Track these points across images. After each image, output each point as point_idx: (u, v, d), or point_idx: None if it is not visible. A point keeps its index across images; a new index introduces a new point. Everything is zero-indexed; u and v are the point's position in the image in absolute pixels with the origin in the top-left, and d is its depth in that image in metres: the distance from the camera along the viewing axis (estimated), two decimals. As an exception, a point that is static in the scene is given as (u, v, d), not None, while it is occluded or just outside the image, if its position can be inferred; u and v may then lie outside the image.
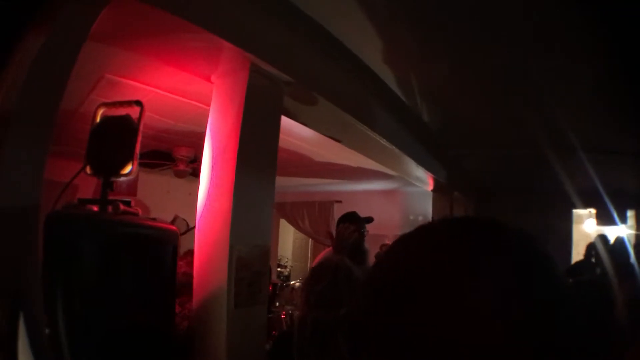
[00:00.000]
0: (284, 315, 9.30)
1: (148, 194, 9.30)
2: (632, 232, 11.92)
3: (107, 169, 3.19)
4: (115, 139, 3.22)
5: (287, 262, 17.00)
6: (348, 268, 3.34)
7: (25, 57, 2.34)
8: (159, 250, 3.29)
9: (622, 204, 11.23)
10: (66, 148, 5.34)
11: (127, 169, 3.17)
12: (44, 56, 2.40)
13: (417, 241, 0.98)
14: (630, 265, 4.73)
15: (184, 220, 9.92)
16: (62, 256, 2.69)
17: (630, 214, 12.07)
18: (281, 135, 4.34)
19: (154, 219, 3.53)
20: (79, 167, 3.25)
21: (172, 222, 10.05)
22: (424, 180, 10.22)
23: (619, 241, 5.77)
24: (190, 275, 3.84)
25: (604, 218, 11.70)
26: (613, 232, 10.58)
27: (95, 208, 3.13)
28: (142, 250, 3.15)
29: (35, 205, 2.32)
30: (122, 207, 3.12)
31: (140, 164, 3.30)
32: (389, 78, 5.69)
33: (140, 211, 3.31)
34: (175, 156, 8.17)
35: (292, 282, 11.97)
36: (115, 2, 2.74)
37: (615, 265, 4.85)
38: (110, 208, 3.12)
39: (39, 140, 2.41)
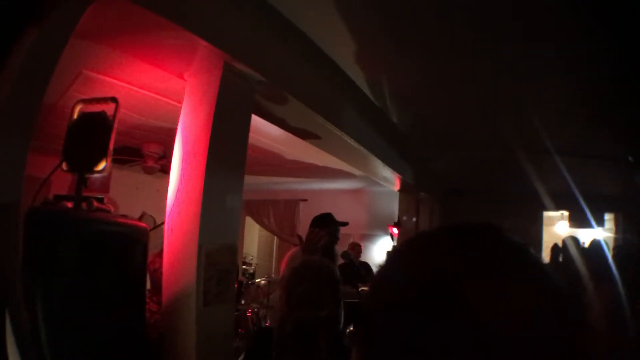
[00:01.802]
0: (249, 313, 9.30)
1: (117, 190, 9.24)
2: (611, 235, 12.01)
3: (81, 165, 3.19)
4: (90, 136, 3.21)
5: (252, 259, 16.96)
6: (331, 269, 3.35)
7: (16, 56, 2.36)
8: (130, 247, 3.29)
9: (599, 207, 11.32)
10: (42, 143, 5.32)
11: (101, 165, 3.16)
12: (32, 54, 2.42)
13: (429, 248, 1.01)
14: (608, 268, 4.76)
15: (151, 216, 9.89)
16: (41, 252, 2.69)
17: (608, 217, 12.17)
18: (249, 134, 4.36)
19: (125, 216, 3.54)
20: (54, 162, 3.25)
21: (140, 219, 10.01)
22: (390, 181, 10.27)
23: (596, 244, 5.79)
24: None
25: (577, 220, 11.79)
26: (587, 235, 10.68)
27: (69, 204, 3.13)
28: (114, 247, 3.15)
29: (16, 202, 2.33)
30: (95, 204, 3.13)
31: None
32: (359, 79, 5.74)
33: (112, 208, 3.31)
34: (144, 152, 8.11)
35: (258, 280, 11.93)
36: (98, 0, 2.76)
37: (591, 269, 4.87)
38: (84, 204, 3.11)
39: (21, 137, 2.42)
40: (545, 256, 10.49)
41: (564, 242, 7.87)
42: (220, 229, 3.88)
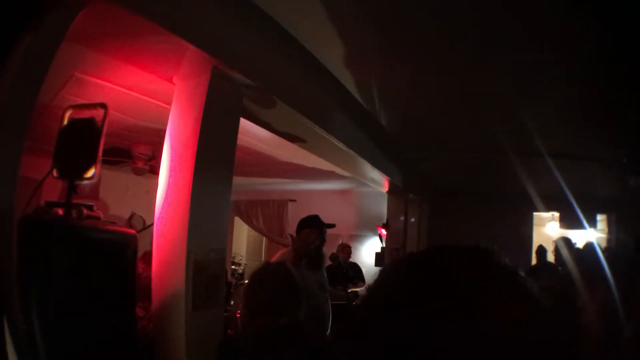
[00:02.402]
0: (239, 314, 9.24)
1: (107, 190, 9.22)
2: (603, 235, 12.03)
3: (71, 172, 3.19)
4: (80, 143, 3.22)
5: (241, 259, 16.93)
6: (289, 274, 3.32)
7: (11, 61, 2.38)
8: (119, 254, 3.30)
9: (591, 208, 11.29)
10: (33, 144, 5.32)
11: (90, 172, 3.17)
12: (26, 58, 2.46)
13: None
14: (602, 271, 4.74)
15: (141, 217, 9.86)
16: (34, 261, 2.74)
17: (600, 217, 12.16)
18: (238, 135, 4.37)
19: (114, 223, 3.55)
20: (46, 162, 3.27)
21: (129, 219, 9.99)
22: (379, 182, 10.27)
23: (589, 247, 5.76)
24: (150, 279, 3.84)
25: (568, 221, 11.78)
26: (579, 236, 10.66)
27: (60, 211, 3.13)
28: (104, 254, 3.18)
29: (9, 209, 2.34)
30: (85, 211, 3.13)
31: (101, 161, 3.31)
32: (349, 82, 5.74)
33: (101, 215, 3.32)
34: (134, 153, 8.09)
35: (247, 281, 11.87)
36: (90, 5, 2.77)
37: (585, 272, 4.85)
38: (74, 211, 3.12)
39: (15, 144, 2.44)
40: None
41: (555, 243, 7.86)
42: (208, 235, 3.88)
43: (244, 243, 18.39)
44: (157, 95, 5.25)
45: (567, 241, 7.03)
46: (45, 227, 2.92)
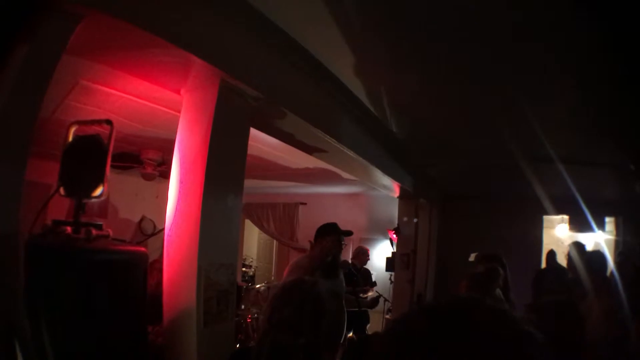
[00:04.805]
0: (249, 319, 9.18)
1: (117, 194, 9.24)
2: (611, 237, 12.02)
3: (79, 190, 3.18)
4: (86, 161, 3.20)
5: (252, 261, 16.95)
6: (320, 296, 3.25)
7: (9, 69, 2.37)
8: (130, 274, 3.30)
9: (600, 211, 11.28)
10: (41, 149, 5.31)
11: (98, 191, 3.16)
12: (26, 68, 2.48)
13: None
14: (608, 277, 4.78)
15: (151, 220, 9.87)
16: (44, 286, 2.74)
17: (608, 220, 12.15)
18: (249, 141, 4.36)
19: (124, 241, 3.53)
20: (52, 166, 3.26)
21: (140, 222, 10.01)
22: (390, 188, 10.24)
23: (597, 253, 5.79)
24: (156, 295, 3.82)
25: (578, 224, 11.74)
26: (588, 239, 10.66)
27: (68, 229, 3.12)
28: (115, 275, 3.17)
29: (14, 232, 2.33)
30: (94, 232, 3.10)
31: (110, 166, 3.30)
32: (359, 90, 5.71)
33: (111, 232, 3.30)
34: (143, 159, 8.09)
35: (258, 286, 11.84)
36: (89, 17, 2.75)
37: (592, 278, 4.87)
38: (83, 231, 3.10)
39: (18, 165, 2.43)
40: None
41: (569, 248, 7.87)
42: (219, 250, 3.86)
43: (254, 245, 18.44)
44: (165, 103, 5.24)
45: (579, 247, 7.04)
46: (54, 254, 2.90)
